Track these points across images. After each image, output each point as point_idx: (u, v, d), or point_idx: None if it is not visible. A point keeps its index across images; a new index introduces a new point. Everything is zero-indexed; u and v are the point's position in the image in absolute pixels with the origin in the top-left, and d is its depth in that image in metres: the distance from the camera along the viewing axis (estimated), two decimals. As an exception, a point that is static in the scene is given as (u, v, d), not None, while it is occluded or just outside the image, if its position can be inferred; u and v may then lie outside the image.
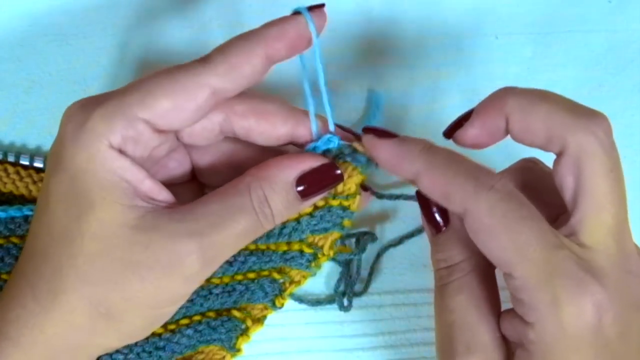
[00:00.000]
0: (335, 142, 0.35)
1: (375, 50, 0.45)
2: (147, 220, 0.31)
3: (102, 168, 0.30)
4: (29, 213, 0.38)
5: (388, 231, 0.44)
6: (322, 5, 0.33)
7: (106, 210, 0.30)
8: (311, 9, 0.33)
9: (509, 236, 0.29)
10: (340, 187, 0.36)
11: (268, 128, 0.35)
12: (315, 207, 0.36)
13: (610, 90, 0.46)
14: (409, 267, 0.44)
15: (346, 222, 0.37)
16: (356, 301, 0.43)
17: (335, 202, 0.36)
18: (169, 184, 0.36)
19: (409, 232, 0.44)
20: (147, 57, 0.44)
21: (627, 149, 0.46)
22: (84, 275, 0.31)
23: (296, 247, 0.38)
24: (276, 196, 0.33)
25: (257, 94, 0.35)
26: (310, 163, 0.34)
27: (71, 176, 0.31)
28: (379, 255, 0.43)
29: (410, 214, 0.43)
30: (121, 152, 0.31)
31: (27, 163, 0.42)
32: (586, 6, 0.46)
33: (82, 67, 0.44)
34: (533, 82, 0.46)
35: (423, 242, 0.44)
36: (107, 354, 0.35)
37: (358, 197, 0.37)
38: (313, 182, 0.34)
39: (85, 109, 0.31)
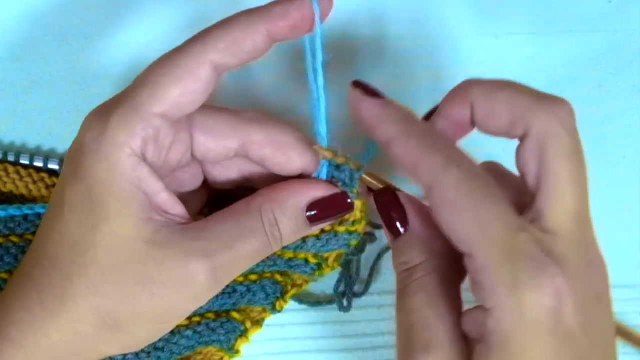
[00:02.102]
0: (325, 170, 0.35)
1: (375, 50, 0.45)
2: (161, 236, 0.31)
3: (120, 178, 0.30)
4: (29, 212, 0.38)
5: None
6: None
7: (121, 223, 0.30)
8: None
9: (472, 213, 0.29)
10: (346, 216, 0.36)
11: (283, 161, 0.35)
12: (322, 231, 0.36)
13: (610, 90, 0.46)
14: (409, 267, 0.44)
15: (353, 242, 0.37)
16: (356, 301, 0.43)
17: (341, 229, 0.36)
18: (179, 192, 0.36)
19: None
20: (148, 57, 0.44)
21: (627, 149, 0.46)
22: (95, 286, 0.31)
23: (302, 256, 0.38)
24: (286, 220, 0.33)
25: (276, 122, 0.35)
26: (322, 191, 0.34)
27: (89, 186, 0.31)
28: (379, 257, 0.43)
29: (410, 214, 0.43)
30: (142, 157, 0.31)
31: (27, 162, 0.42)
32: (586, 6, 0.46)
33: (82, 67, 0.44)
34: (533, 82, 0.46)
35: (423, 242, 0.44)
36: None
37: (364, 221, 0.37)
38: (323, 210, 0.34)
39: (102, 117, 0.31)
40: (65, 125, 0.44)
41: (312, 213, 0.34)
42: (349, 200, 0.34)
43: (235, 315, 0.39)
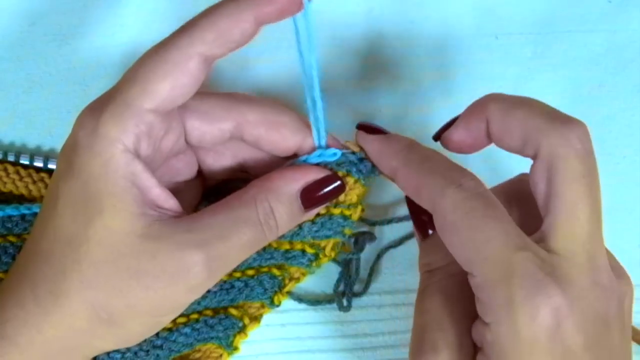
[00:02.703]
0: (329, 157, 0.35)
1: (375, 50, 0.45)
2: (154, 229, 0.31)
3: (114, 174, 0.30)
4: (26, 212, 0.38)
5: (387, 232, 0.44)
6: None
7: (115, 217, 0.31)
8: None
9: (469, 233, 0.29)
10: (342, 197, 0.36)
11: (278, 139, 0.35)
12: (317, 215, 0.37)
13: (610, 90, 0.46)
14: (408, 267, 0.44)
15: (347, 231, 0.38)
16: (356, 301, 0.43)
17: (336, 211, 0.37)
18: (174, 182, 0.36)
19: (408, 232, 0.44)
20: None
21: (627, 149, 0.46)
22: (88, 281, 0.31)
23: (298, 246, 0.38)
24: (281, 207, 0.33)
25: (269, 102, 0.36)
26: (313, 175, 0.34)
27: (82, 181, 0.31)
28: (379, 256, 0.43)
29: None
30: (135, 153, 0.31)
31: (27, 162, 0.42)
32: (586, 6, 0.46)
33: (82, 67, 0.44)
34: (533, 82, 0.46)
35: (423, 242, 0.44)
36: (104, 353, 0.35)
37: (359, 207, 0.37)
38: (316, 193, 0.34)
39: (94, 114, 0.31)
40: (65, 125, 0.43)
41: (306, 198, 0.34)
42: (340, 182, 0.35)
43: (233, 311, 0.40)
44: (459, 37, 0.46)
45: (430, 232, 0.35)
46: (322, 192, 0.35)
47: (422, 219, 0.34)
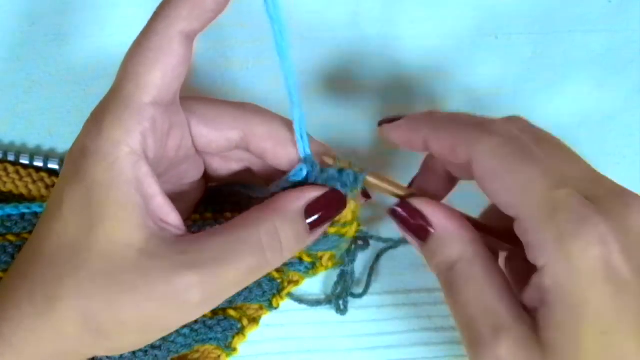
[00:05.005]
0: (304, 172, 0.35)
1: (375, 50, 0.45)
2: (152, 245, 0.30)
3: (118, 179, 0.30)
4: (26, 211, 0.38)
5: (385, 232, 0.44)
6: None
7: (116, 227, 0.30)
8: None
9: (511, 176, 0.30)
10: (336, 217, 0.36)
11: (283, 155, 0.35)
12: None
13: (610, 90, 0.46)
14: (408, 267, 0.44)
15: (343, 246, 0.38)
16: (356, 301, 0.43)
17: (332, 230, 0.36)
18: (179, 184, 0.36)
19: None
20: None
21: (627, 149, 0.46)
22: (84, 290, 0.30)
23: (296, 254, 0.38)
24: (288, 227, 0.32)
25: (278, 117, 0.35)
26: (315, 192, 0.34)
27: (88, 187, 0.30)
28: (378, 257, 0.43)
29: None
30: (143, 153, 0.31)
31: (27, 162, 0.42)
32: (586, 6, 0.46)
33: (82, 67, 0.44)
34: (533, 82, 0.46)
35: (423, 242, 0.44)
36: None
37: (355, 224, 0.37)
38: (321, 210, 0.34)
39: (97, 118, 0.31)
40: (65, 125, 0.44)
41: (311, 218, 0.33)
42: (341, 196, 0.34)
43: (232, 313, 0.40)
44: (459, 37, 0.46)
45: (432, 230, 0.34)
46: (326, 208, 0.34)
47: (413, 225, 0.34)
